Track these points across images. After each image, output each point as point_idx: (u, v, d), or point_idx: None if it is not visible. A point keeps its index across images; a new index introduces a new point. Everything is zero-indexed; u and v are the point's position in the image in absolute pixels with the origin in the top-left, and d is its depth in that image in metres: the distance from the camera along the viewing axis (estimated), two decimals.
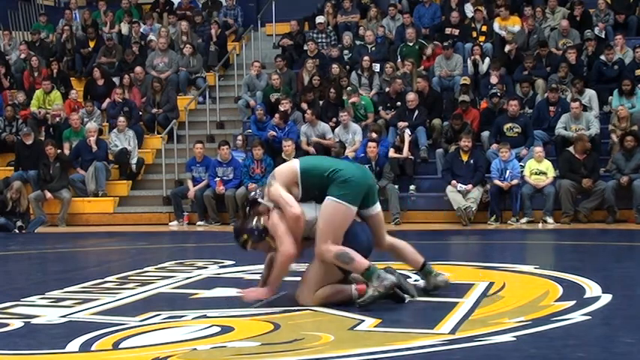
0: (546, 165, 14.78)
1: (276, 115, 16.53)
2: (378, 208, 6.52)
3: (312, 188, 6.29)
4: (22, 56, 20.69)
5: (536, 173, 14.69)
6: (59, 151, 16.71)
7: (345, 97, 17.07)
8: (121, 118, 17.22)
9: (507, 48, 18.04)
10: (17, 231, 15.27)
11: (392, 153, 15.63)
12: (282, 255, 6.19)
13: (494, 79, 16.95)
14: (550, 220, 14.35)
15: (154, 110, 18.28)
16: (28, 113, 18.58)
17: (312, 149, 15.97)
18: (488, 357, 4.78)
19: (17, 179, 16.14)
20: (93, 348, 5.12)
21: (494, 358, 4.78)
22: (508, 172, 14.60)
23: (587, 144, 14.63)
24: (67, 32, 21.28)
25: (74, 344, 5.19)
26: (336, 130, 16.28)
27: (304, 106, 17.13)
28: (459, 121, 15.82)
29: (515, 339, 5.13)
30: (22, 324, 5.89)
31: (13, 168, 17.19)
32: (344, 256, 6.12)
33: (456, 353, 4.84)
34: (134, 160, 17.09)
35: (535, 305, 6.24)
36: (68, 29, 21.33)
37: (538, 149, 14.91)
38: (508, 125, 15.57)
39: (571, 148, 14.71)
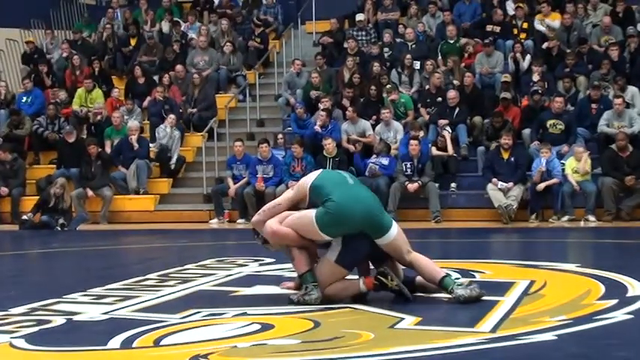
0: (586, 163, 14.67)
1: (322, 113, 16.52)
2: (386, 240, 6.41)
3: (314, 203, 6.49)
4: (64, 55, 20.85)
5: (577, 171, 14.57)
6: (100, 149, 16.83)
7: (385, 95, 17.04)
8: (172, 115, 17.34)
9: (546, 44, 17.91)
10: (59, 228, 15.39)
11: (435, 151, 15.58)
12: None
13: (535, 77, 16.84)
14: (592, 218, 14.23)
15: (189, 110, 18.34)
16: (70, 111, 18.73)
17: (352, 147, 15.97)
18: (529, 356, 4.75)
19: (60, 177, 16.27)
20: (134, 345, 5.16)
21: (535, 357, 4.74)
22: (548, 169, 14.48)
23: (622, 142, 14.47)
24: (108, 31, 21.43)
25: (116, 341, 5.23)
26: (377, 127, 16.25)
27: (345, 103, 17.12)
28: (500, 119, 15.74)
29: (556, 338, 5.09)
30: (65, 321, 5.95)
31: (55, 166, 17.35)
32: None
33: (497, 352, 4.82)
34: (174, 160, 17.16)
35: (577, 304, 6.20)
36: (109, 28, 21.49)
37: (580, 149, 14.74)
38: (552, 121, 15.42)
39: (614, 146, 14.58)
